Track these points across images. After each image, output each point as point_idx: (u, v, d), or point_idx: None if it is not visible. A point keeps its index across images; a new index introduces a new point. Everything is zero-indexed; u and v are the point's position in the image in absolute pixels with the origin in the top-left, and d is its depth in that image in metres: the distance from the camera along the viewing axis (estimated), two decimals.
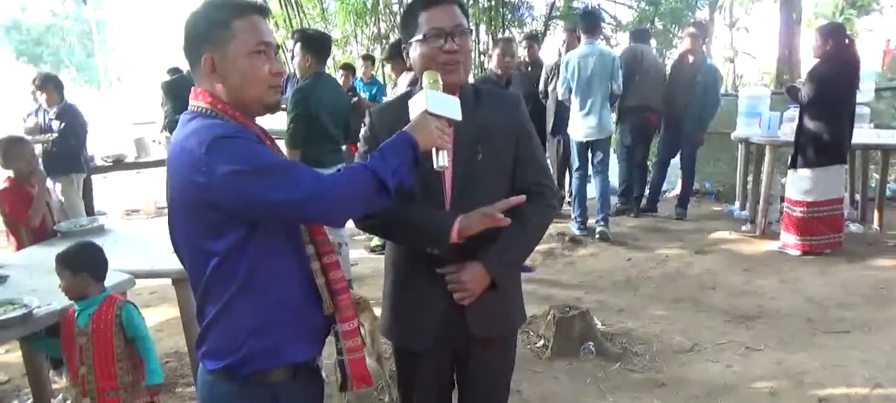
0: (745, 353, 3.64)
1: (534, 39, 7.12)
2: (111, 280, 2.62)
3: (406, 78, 5.11)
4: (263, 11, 1.56)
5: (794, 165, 5.15)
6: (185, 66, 6.38)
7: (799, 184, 5.12)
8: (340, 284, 1.63)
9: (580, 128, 5.75)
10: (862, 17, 17.01)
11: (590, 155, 5.84)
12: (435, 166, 1.60)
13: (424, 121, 1.58)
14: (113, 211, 7.36)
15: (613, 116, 6.21)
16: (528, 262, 4.66)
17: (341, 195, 1.46)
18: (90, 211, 5.93)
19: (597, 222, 5.91)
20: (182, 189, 1.44)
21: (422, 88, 1.67)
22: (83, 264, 2.51)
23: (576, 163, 5.88)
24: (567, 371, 3.49)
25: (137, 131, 7.40)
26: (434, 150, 1.59)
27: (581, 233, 5.90)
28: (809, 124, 4.98)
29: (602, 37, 7.43)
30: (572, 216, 6.00)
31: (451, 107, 1.63)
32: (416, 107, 1.62)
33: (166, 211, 1.56)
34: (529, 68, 6.68)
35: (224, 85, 1.48)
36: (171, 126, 4.68)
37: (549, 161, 4.87)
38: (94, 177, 6.49)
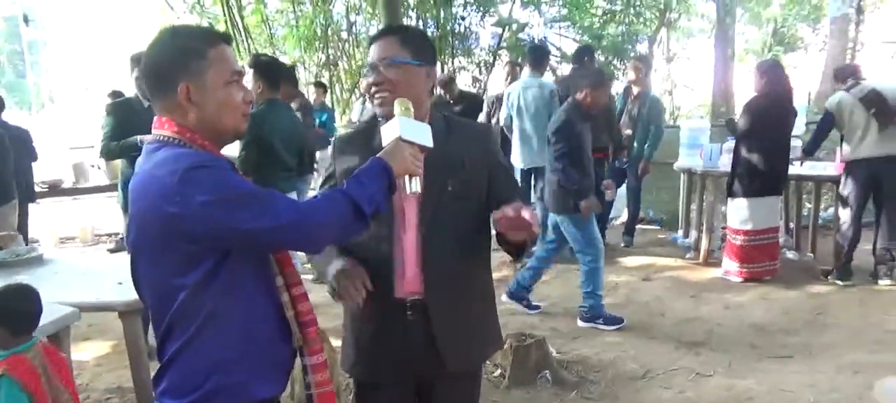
0: (696, 379, 3.72)
1: (450, 81, 7.22)
2: (54, 313, 2.47)
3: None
4: (228, 40, 1.56)
5: (730, 194, 5.36)
6: (126, 89, 6.20)
7: (738, 213, 5.32)
8: (309, 316, 1.60)
9: (521, 156, 5.91)
10: (788, 54, 18.04)
11: (532, 181, 5.97)
12: (408, 191, 1.60)
13: (398, 147, 1.58)
14: (46, 239, 7.00)
15: None
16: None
17: (319, 222, 1.45)
18: (24, 239, 5.62)
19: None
20: (151, 220, 1.39)
21: (394, 115, 1.67)
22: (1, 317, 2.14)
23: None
24: (524, 401, 3.48)
25: (75, 155, 7.08)
26: (407, 176, 1.59)
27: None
28: (746, 155, 5.17)
29: (549, 68, 7.60)
30: None
31: (424, 134, 1.64)
32: (388, 134, 1.63)
33: (105, 239, 1.50)
34: (451, 102, 6.82)
35: (199, 114, 1.45)
36: (106, 151, 4.36)
37: None
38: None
